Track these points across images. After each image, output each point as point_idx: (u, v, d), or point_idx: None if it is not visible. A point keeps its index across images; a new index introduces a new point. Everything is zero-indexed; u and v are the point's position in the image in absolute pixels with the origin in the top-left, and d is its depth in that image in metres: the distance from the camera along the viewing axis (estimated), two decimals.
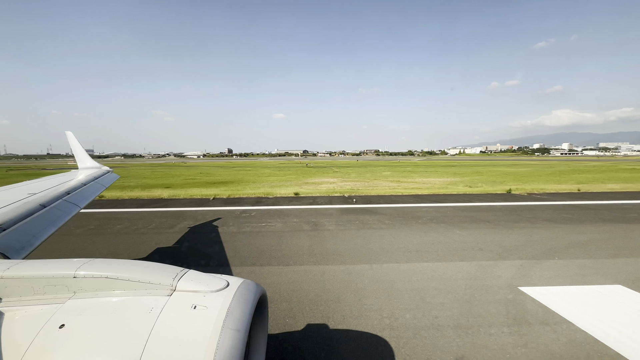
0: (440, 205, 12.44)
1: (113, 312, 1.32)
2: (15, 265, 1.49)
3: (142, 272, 1.44)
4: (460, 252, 6.86)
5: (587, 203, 12.56)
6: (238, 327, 1.25)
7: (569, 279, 5.45)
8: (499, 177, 26.75)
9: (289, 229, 8.91)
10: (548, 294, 4.85)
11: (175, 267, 1.52)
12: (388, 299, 4.77)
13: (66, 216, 3.14)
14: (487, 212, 10.99)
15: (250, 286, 1.49)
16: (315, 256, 6.65)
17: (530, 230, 8.55)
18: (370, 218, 10.17)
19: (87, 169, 6.13)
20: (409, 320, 4.18)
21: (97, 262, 1.50)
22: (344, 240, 7.80)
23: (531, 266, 6.02)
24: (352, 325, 4.07)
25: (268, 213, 11.10)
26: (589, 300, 4.70)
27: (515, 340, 3.76)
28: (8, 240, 2.20)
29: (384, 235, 8.15)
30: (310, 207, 12.12)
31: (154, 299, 1.36)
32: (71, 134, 7.10)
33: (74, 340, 1.22)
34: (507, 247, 7.12)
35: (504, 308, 4.48)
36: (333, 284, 5.28)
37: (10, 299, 1.42)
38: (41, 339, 1.23)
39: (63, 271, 1.43)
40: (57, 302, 1.39)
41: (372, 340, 3.77)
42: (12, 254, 2.07)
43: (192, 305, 1.32)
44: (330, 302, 4.67)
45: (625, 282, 5.25)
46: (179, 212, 11.49)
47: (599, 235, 8.10)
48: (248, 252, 6.91)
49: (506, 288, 5.11)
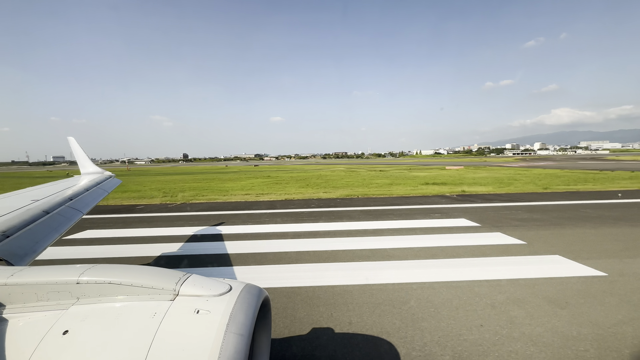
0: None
1: (116, 318, 1.32)
2: (19, 272, 1.49)
3: (145, 277, 1.44)
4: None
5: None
6: (241, 331, 1.24)
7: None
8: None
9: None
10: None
11: (178, 272, 1.52)
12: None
13: (69, 222, 3.15)
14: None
15: (253, 290, 1.49)
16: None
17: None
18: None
19: (90, 174, 6.15)
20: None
21: (100, 268, 1.50)
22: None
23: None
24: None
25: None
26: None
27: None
28: (11, 247, 2.21)
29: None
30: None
31: (156, 304, 1.36)
32: (73, 139, 7.13)
33: (77, 346, 1.22)
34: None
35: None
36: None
37: (14, 306, 1.42)
38: (45, 346, 1.23)
39: (66, 277, 1.44)
40: (60, 308, 1.39)
41: None
42: (15, 260, 2.08)
43: (195, 309, 1.32)
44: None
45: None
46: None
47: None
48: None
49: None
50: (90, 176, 5.90)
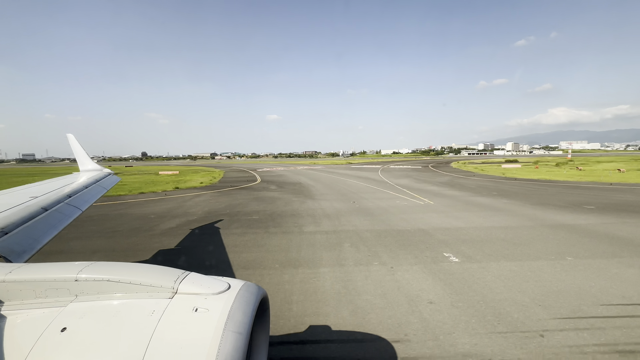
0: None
1: (115, 315, 1.32)
2: (17, 269, 1.49)
3: (144, 275, 1.43)
4: None
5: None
6: (239, 329, 1.24)
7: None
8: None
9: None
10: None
11: (177, 270, 1.52)
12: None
13: (68, 219, 3.15)
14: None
15: (252, 288, 1.49)
16: None
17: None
18: None
19: (89, 171, 6.13)
20: None
21: (98, 265, 1.50)
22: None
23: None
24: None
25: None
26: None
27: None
28: (10, 243, 2.20)
29: None
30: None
31: (155, 302, 1.36)
32: (72, 136, 7.11)
33: (75, 344, 1.22)
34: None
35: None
36: None
37: (12, 303, 1.42)
38: (43, 343, 1.23)
39: (65, 274, 1.43)
40: (59, 306, 1.39)
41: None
42: (14, 257, 2.07)
43: (194, 308, 1.32)
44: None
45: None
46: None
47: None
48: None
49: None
50: (89, 173, 5.88)
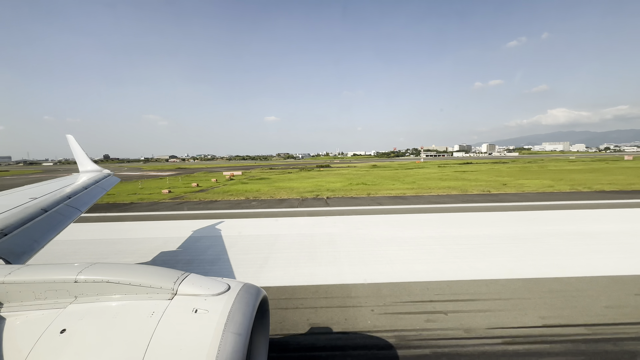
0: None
1: (114, 317, 1.31)
2: (17, 270, 1.49)
3: (143, 276, 1.43)
4: None
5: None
6: (239, 330, 1.24)
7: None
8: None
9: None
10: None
11: (176, 271, 1.51)
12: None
13: (67, 220, 3.14)
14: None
15: (252, 289, 1.48)
16: None
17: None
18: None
19: (88, 172, 6.13)
20: None
21: (98, 267, 1.49)
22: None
23: None
24: None
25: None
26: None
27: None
28: (9, 245, 2.20)
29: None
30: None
31: (155, 303, 1.35)
32: (72, 137, 7.10)
33: (75, 345, 1.22)
34: None
35: None
36: None
37: (11, 304, 1.41)
38: (42, 344, 1.23)
39: (64, 276, 1.43)
40: (58, 307, 1.38)
41: None
42: (13, 259, 2.07)
43: (193, 309, 1.31)
44: None
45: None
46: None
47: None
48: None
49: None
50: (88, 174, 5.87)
